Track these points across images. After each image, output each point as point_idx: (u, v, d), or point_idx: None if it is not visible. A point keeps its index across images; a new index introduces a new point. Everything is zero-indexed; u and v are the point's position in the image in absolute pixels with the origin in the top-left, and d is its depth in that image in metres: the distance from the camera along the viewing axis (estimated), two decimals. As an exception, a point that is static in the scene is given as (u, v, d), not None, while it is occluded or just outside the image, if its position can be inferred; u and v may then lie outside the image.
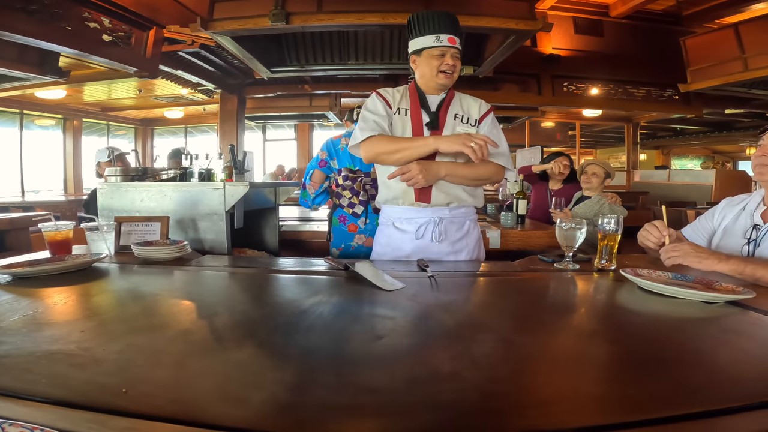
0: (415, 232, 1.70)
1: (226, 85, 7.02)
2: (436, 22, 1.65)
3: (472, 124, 1.75)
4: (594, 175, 3.08)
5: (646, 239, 1.56)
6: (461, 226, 1.76)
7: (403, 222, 1.73)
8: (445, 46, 1.64)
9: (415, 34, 1.69)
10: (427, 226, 1.70)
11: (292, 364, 0.72)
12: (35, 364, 0.67)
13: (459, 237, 1.75)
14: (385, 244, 1.78)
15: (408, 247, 1.71)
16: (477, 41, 5.14)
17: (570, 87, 7.46)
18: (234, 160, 2.11)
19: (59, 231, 1.56)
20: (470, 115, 1.77)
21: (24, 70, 4.73)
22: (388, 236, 1.76)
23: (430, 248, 1.70)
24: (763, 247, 1.39)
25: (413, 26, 1.69)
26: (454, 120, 1.74)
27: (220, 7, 4.20)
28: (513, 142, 11.19)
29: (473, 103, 1.80)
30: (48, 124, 8.86)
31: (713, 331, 0.90)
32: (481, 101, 1.82)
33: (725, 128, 12.21)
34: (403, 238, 1.72)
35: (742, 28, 6.00)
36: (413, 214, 1.71)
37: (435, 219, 1.70)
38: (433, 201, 1.69)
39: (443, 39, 1.64)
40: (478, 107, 1.78)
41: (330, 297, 1.12)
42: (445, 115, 1.73)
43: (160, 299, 1.14)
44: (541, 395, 0.64)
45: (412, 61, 1.74)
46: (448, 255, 1.72)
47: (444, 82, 1.69)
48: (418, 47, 1.68)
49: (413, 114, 1.72)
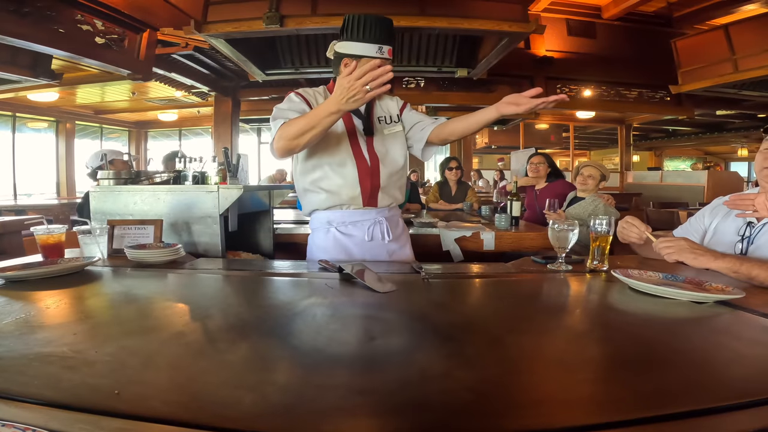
0: (364, 235, 1.72)
1: (220, 88, 7.02)
2: (380, 31, 1.60)
3: (396, 121, 1.79)
4: (590, 177, 3.10)
5: (628, 236, 1.59)
6: (398, 223, 1.83)
7: (348, 226, 1.72)
8: (386, 58, 1.60)
9: (354, 37, 1.60)
10: (374, 227, 1.73)
11: (284, 366, 0.72)
12: (27, 366, 0.67)
13: (399, 233, 1.82)
14: (330, 248, 1.72)
15: (357, 250, 1.72)
16: (471, 44, 5.17)
17: (563, 89, 7.51)
18: (228, 163, 2.10)
19: (52, 234, 1.55)
20: (391, 113, 1.80)
21: (16, 72, 4.71)
22: (334, 240, 1.72)
23: (380, 248, 1.74)
24: (757, 245, 1.39)
25: (353, 28, 1.60)
26: (380, 124, 1.77)
27: (215, 9, 4.21)
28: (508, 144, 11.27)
29: (389, 101, 1.84)
30: (41, 126, 8.82)
31: (703, 330, 0.91)
32: (394, 97, 1.87)
33: (716, 129, 12.34)
34: (352, 241, 1.72)
35: (732, 30, 6.06)
36: (358, 217, 1.72)
37: (379, 219, 1.74)
38: (379, 204, 1.73)
39: (385, 51, 1.60)
40: (395, 103, 1.84)
41: (323, 299, 1.12)
42: (373, 119, 1.75)
43: (153, 302, 1.14)
44: (533, 395, 0.65)
45: (344, 64, 1.62)
46: (396, 251, 1.77)
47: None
48: (357, 53, 1.60)
49: (345, 121, 1.68)
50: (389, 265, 1.61)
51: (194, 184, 1.96)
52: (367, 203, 1.71)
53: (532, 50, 7.32)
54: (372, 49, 1.59)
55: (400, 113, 1.81)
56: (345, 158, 1.68)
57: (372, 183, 1.70)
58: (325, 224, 1.74)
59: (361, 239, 1.72)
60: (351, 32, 1.61)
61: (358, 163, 1.68)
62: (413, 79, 7.30)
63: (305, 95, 1.67)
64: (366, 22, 1.59)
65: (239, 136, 7.93)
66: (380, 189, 1.72)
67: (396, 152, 1.77)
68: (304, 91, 1.69)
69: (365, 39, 1.59)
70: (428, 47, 5.14)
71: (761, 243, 1.39)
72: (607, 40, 7.64)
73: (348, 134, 1.69)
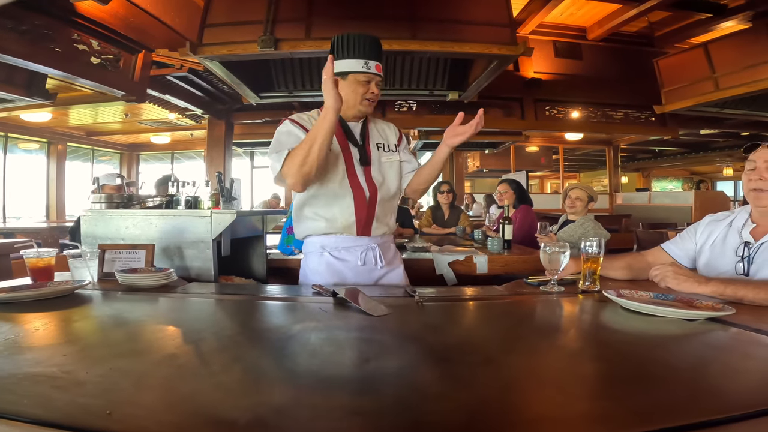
0: (357, 260, 1.72)
1: (214, 111, 7.05)
2: (366, 47, 1.61)
3: (393, 150, 1.81)
4: (578, 199, 3.13)
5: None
6: (389, 248, 1.85)
7: (341, 251, 1.72)
8: (373, 73, 1.62)
9: (341, 55, 1.61)
10: (367, 253, 1.73)
11: (279, 387, 0.71)
12: (17, 386, 0.67)
13: (391, 257, 1.84)
14: (323, 272, 1.72)
15: (351, 275, 1.72)
16: (462, 67, 5.27)
17: (552, 111, 7.65)
18: (221, 188, 2.11)
19: (41, 258, 1.54)
20: (389, 141, 1.82)
21: (11, 91, 4.70)
22: (327, 264, 1.72)
23: (372, 272, 1.74)
24: (758, 264, 1.39)
25: (340, 47, 1.62)
26: (378, 151, 1.77)
27: (210, 32, 4.26)
28: (499, 167, 11.40)
29: (387, 128, 1.85)
30: (32, 147, 8.76)
31: (695, 347, 0.92)
32: (390, 124, 1.88)
33: (702, 149, 12.54)
34: (346, 266, 1.72)
35: (712, 47, 6.14)
36: (352, 243, 1.73)
37: (372, 245, 1.75)
38: (373, 233, 1.74)
39: (371, 66, 1.61)
40: (393, 132, 1.85)
41: (317, 323, 1.12)
42: (369, 147, 1.75)
43: (144, 325, 1.12)
44: (528, 414, 0.65)
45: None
46: (388, 274, 1.78)
47: (367, 110, 1.69)
48: (344, 70, 1.61)
49: (343, 149, 1.70)
50: (383, 289, 1.61)
51: (187, 209, 1.96)
52: (361, 232, 1.71)
53: (521, 72, 7.47)
54: (358, 64, 1.60)
55: (398, 144, 1.84)
56: (343, 189, 1.68)
57: (368, 212, 1.71)
58: (318, 248, 1.74)
59: (354, 264, 1.72)
60: (338, 51, 1.62)
61: (355, 194, 1.68)
62: (405, 102, 7.39)
63: (300, 122, 1.66)
64: (350, 39, 1.61)
65: (232, 160, 7.93)
66: (375, 218, 1.72)
67: (391, 180, 1.78)
68: (298, 117, 1.69)
69: (351, 56, 1.60)
70: (420, 71, 5.22)
71: (761, 261, 1.38)
72: (593, 61, 7.82)
73: (346, 164, 1.69)
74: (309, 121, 1.68)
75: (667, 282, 1.39)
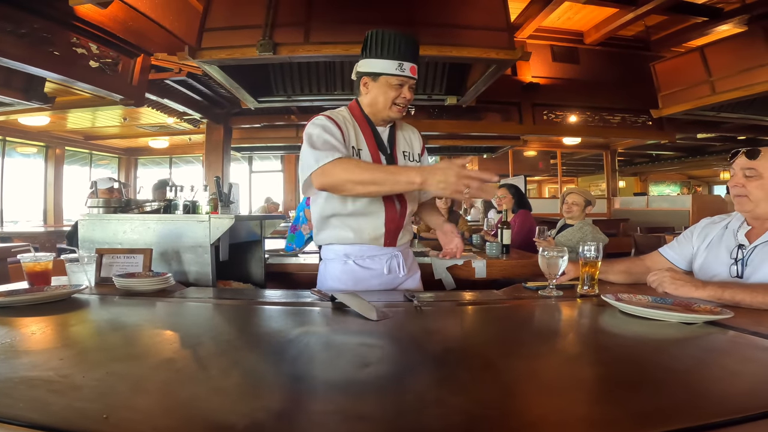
0: (383, 268, 1.69)
1: (212, 115, 7.04)
2: (401, 47, 1.52)
3: (417, 160, 1.76)
4: (574, 204, 3.14)
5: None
6: (409, 254, 1.84)
7: (366, 260, 1.67)
8: (407, 76, 1.54)
9: (373, 54, 1.53)
10: (391, 261, 1.71)
11: (278, 392, 0.71)
12: (13, 389, 0.66)
13: (411, 262, 1.83)
14: (346, 279, 1.66)
15: (376, 282, 1.68)
16: (460, 71, 5.28)
17: (549, 115, 7.66)
18: (219, 192, 2.10)
19: (38, 262, 1.53)
20: (413, 149, 1.77)
21: (9, 95, 4.68)
22: (351, 273, 1.66)
23: (396, 280, 1.73)
24: (752, 266, 1.40)
25: (373, 44, 1.53)
26: (404, 160, 1.71)
27: (209, 36, 4.27)
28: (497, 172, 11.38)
29: (413, 135, 1.80)
30: (30, 151, 8.74)
31: (694, 350, 0.92)
32: (414, 129, 1.83)
33: (699, 153, 12.58)
34: (371, 274, 1.68)
35: (708, 51, 6.15)
36: (377, 252, 1.69)
37: (396, 253, 1.73)
38: (398, 243, 1.72)
39: (406, 68, 1.53)
40: (418, 139, 1.81)
41: (317, 327, 1.12)
42: (396, 155, 1.69)
43: (141, 329, 1.12)
44: (528, 418, 0.65)
45: (363, 84, 1.59)
46: (407, 280, 1.77)
47: (396, 116, 1.62)
48: (377, 71, 1.53)
49: (374, 159, 1.62)
50: (382, 294, 1.60)
51: (185, 214, 1.95)
52: (388, 243, 1.68)
53: (519, 77, 7.49)
54: (392, 65, 1.51)
55: (421, 154, 1.80)
56: (375, 203, 1.62)
57: (397, 225, 1.68)
58: (342, 256, 1.67)
59: (380, 272, 1.68)
60: (370, 49, 1.54)
61: (387, 207, 1.64)
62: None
63: (338, 123, 1.55)
64: (385, 37, 1.52)
65: (231, 165, 7.92)
66: (402, 228, 1.71)
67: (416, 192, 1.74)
68: (335, 116, 1.58)
69: (384, 55, 1.51)
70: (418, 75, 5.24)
71: (755, 264, 1.39)
72: (590, 65, 7.84)
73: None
74: (344, 125, 1.57)
75: (665, 287, 1.39)
